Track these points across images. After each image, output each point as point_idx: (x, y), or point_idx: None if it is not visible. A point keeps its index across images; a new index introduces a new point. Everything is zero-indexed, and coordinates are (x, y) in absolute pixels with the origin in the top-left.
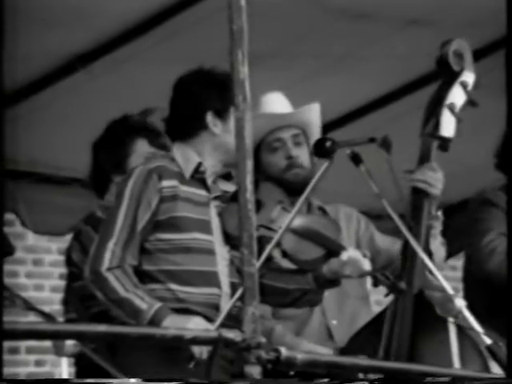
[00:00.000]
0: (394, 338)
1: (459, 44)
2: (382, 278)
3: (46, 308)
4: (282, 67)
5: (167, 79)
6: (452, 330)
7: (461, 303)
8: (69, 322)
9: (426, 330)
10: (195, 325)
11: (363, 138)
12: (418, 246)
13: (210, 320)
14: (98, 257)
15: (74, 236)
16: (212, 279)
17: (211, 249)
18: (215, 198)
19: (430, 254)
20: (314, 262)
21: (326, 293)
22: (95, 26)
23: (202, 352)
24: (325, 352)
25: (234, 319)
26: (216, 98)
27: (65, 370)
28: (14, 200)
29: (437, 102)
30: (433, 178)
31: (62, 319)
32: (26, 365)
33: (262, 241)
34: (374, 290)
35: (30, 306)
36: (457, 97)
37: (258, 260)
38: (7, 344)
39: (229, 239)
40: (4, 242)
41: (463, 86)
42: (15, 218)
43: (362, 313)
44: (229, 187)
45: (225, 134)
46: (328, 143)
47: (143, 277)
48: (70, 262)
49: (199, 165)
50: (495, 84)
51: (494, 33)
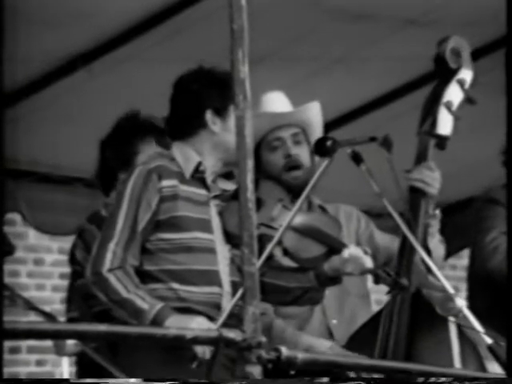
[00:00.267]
0: (390, 336)
1: (456, 42)
2: (384, 274)
3: (47, 307)
4: (282, 67)
5: (167, 78)
6: (452, 329)
7: (461, 302)
8: (71, 320)
9: (425, 330)
10: (197, 324)
11: (364, 138)
12: (418, 245)
13: (211, 319)
14: (99, 258)
15: (77, 234)
16: (213, 278)
17: (212, 248)
18: (215, 197)
19: (428, 252)
20: (315, 260)
21: (327, 291)
22: (95, 25)
23: (205, 352)
24: (325, 344)
25: (235, 318)
26: (215, 96)
27: (65, 370)
28: (16, 199)
29: (433, 100)
30: (430, 176)
31: (63, 319)
32: (26, 364)
33: (263, 239)
34: (375, 289)
35: (31, 306)
36: (454, 95)
37: (259, 258)
38: (8, 343)
39: (229, 238)
40: (4, 242)
41: (460, 83)
42: (16, 217)
43: (362, 311)
44: (228, 186)
45: (224, 133)
46: (329, 142)
47: (145, 277)
48: (73, 261)
49: (199, 164)
50: (493, 83)
51: (492, 33)
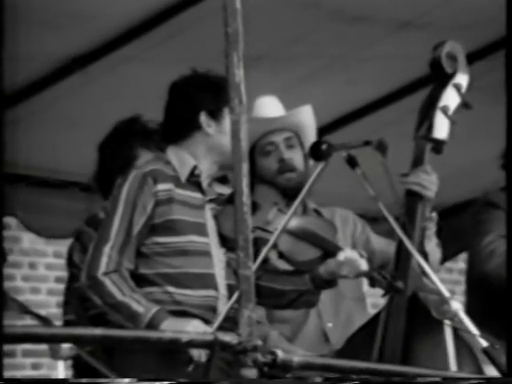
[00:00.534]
0: (387, 339)
1: (452, 46)
2: (379, 277)
3: (42, 311)
4: (277, 69)
5: (165, 81)
6: (448, 332)
7: (457, 306)
8: (67, 323)
9: (421, 333)
10: (193, 328)
11: (359, 141)
12: (414, 249)
13: (207, 322)
14: (95, 261)
15: (75, 237)
16: (209, 281)
17: (207, 251)
18: (210, 201)
19: (425, 256)
20: (311, 263)
21: (322, 295)
22: (94, 27)
23: (201, 355)
24: None
25: (231, 321)
26: (209, 98)
27: (61, 373)
28: (11, 203)
29: (430, 104)
30: (427, 180)
31: (58, 322)
32: (22, 368)
33: (258, 242)
34: (371, 293)
35: (27, 310)
36: (450, 99)
37: (255, 262)
38: (4, 347)
39: (225, 241)
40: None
41: (457, 88)
42: (12, 221)
43: (357, 315)
44: (224, 190)
45: (219, 135)
46: (324, 146)
47: (140, 280)
48: (70, 264)
49: (194, 168)
50: (489, 87)
51: (488, 35)
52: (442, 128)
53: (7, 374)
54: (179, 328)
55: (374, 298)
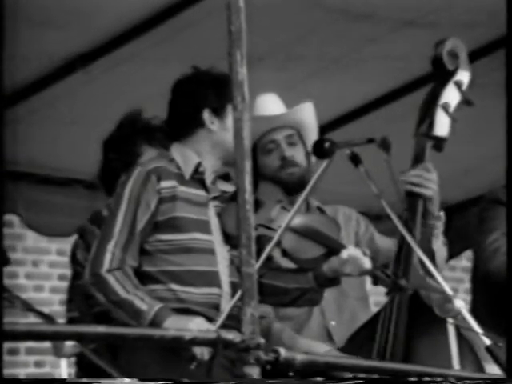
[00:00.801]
0: (389, 338)
1: (454, 43)
2: (382, 275)
3: (45, 309)
4: (280, 68)
5: (166, 79)
6: (451, 330)
7: (460, 304)
8: (71, 320)
9: (424, 331)
10: (196, 325)
11: (362, 139)
12: (416, 246)
13: (210, 320)
14: (98, 259)
15: (79, 235)
16: (213, 279)
17: (211, 249)
18: (214, 198)
19: (432, 254)
20: (314, 261)
21: (326, 293)
22: (94, 26)
23: (204, 353)
24: (323, 348)
25: (234, 319)
26: (212, 95)
27: (64, 371)
28: (14, 201)
29: (431, 101)
30: (426, 178)
31: (62, 320)
32: (25, 366)
33: (262, 240)
34: (373, 291)
35: (30, 307)
36: (451, 96)
37: (258, 260)
38: (7, 345)
39: (228, 239)
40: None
41: (458, 85)
42: (14, 219)
43: (360, 313)
44: (227, 187)
45: (222, 132)
46: (327, 144)
47: (144, 278)
48: (74, 261)
49: (198, 165)
50: (491, 84)
51: (490, 34)
52: (442, 125)
53: (11, 371)
54: (182, 326)
55: (377, 297)
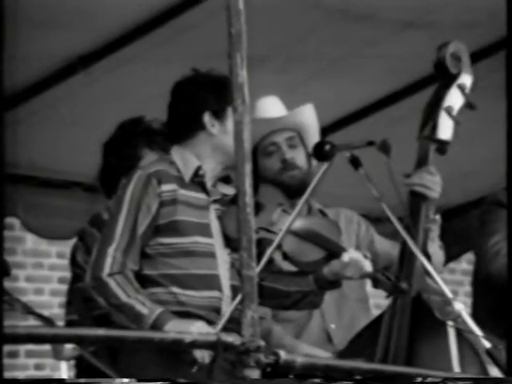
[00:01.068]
0: (391, 340)
1: (456, 46)
2: (383, 278)
3: (45, 312)
4: (281, 70)
5: (168, 80)
6: (451, 333)
7: (460, 306)
8: (70, 323)
9: (424, 334)
10: (197, 329)
11: (362, 142)
12: (417, 249)
13: (211, 323)
14: (99, 263)
15: (78, 237)
16: (213, 282)
17: (212, 252)
18: (214, 202)
19: (428, 258)
20: (315, 264)
21: (326, 296)
22: (95, 27)
23: (204, 357)
24: (323, 355)
25: (235, 322)
26: (212, 98)
27: (64, 374)
28: (14, 204)
29: (434, 104)
30: (430, 181)
31: (61, 323)
32: (25, 369)
33: (263, 243)
34: (373, 294)
35: (30, 310)
36: (454, 99)
37: (259, 263)
38: (6, 348)
39: (229, 242)
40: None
41: (461, 88)
42: (15, 221)
43: (361, 316)
44: (228, 190)
45: (222, 135)
46: (327, 147)
47: (144, 281)
48: (74, 263)
49: (198, 168)
50: (493, 87)
51: (492, 35)
52: (446, 128)
53: (11, 374)
54: (183, 329)
55: (377, 299)
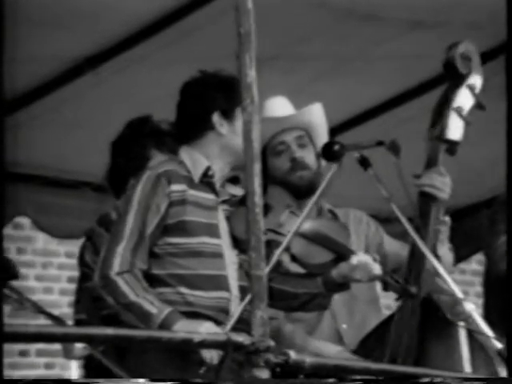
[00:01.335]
0: (401, 341)
1: (466, 47)
2: (392, 281)
3: (54, 311)
4: (289, 70)
5: (175, 81)
6: (462, 334)
7: (470, 307)
8: (79, 322)
9: (435, 335)
10: (206, 330)
11: (371, 142)
12: (427, 250)
13: (219, 324)
14: (108, 261)
15: (87, 237)
16: (221, 283)
17: (220, 252)
18: (223, 202)
19: (437, 259)
20: (323, 266)
21: (336, 296)
22: (101, 28)
23: (213, 357)
24: (335, 350)
25: (244, 322)
26: (222, 98)
27: (74, 373)
28: (24, 203)
29: (444, 105)
30: (440, 182)
31: (71, 322)
32: (35, 367)
33: (271, 245)
34: (384, 295)
35: (40, 309)
36: (464, 100)
37: (267, 264)
38: (17, 347)
39: (237, 243)
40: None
41: (471, 89)
42: (25, 221)
43: (371, 316)
44: (237, 191)
45: (231, 135)
46: (336, 147)
47: (152, 281)
48: (82, 263)
49: (208, 168)
50: (502, 86)
51: (501, 35)
52: (456, 129)
53: (21, 373)
54: (192, 330)
55: (388, 300)
